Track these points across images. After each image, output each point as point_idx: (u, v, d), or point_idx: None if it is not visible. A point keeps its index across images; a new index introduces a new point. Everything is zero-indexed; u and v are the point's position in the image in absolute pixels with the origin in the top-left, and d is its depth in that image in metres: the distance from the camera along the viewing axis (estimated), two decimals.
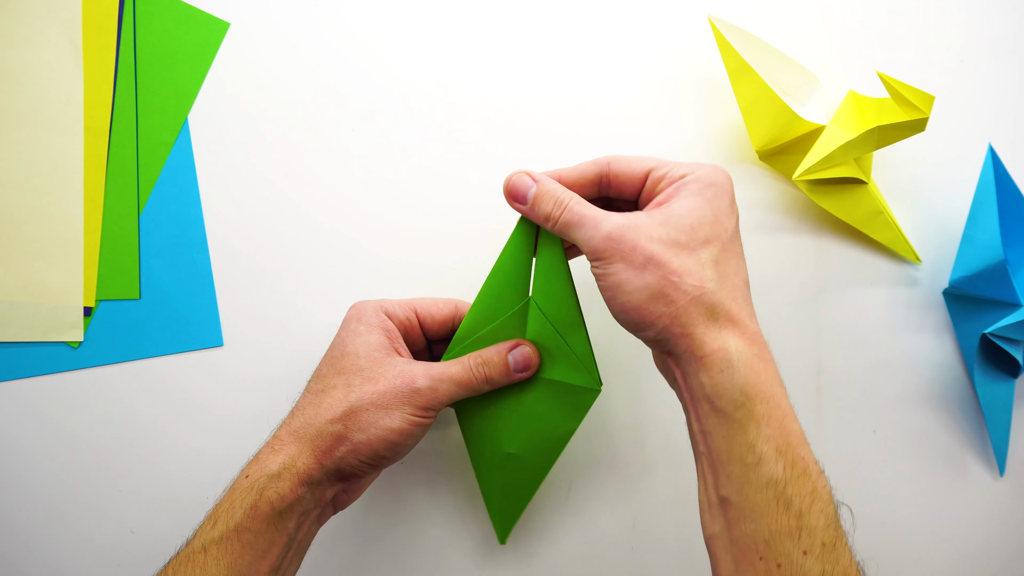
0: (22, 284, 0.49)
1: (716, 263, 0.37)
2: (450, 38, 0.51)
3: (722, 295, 0.36)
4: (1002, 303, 0.48)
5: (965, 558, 0.51)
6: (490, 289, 0.43)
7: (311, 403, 0.41)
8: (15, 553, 0.49)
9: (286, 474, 0.39)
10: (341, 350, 0.42)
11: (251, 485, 0.38)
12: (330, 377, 0.41)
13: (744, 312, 0.37)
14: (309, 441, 0.39)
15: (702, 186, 0.38)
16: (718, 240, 0.37)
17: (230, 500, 0.38)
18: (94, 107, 0.49)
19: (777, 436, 0.35)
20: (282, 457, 0.39)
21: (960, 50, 0.53)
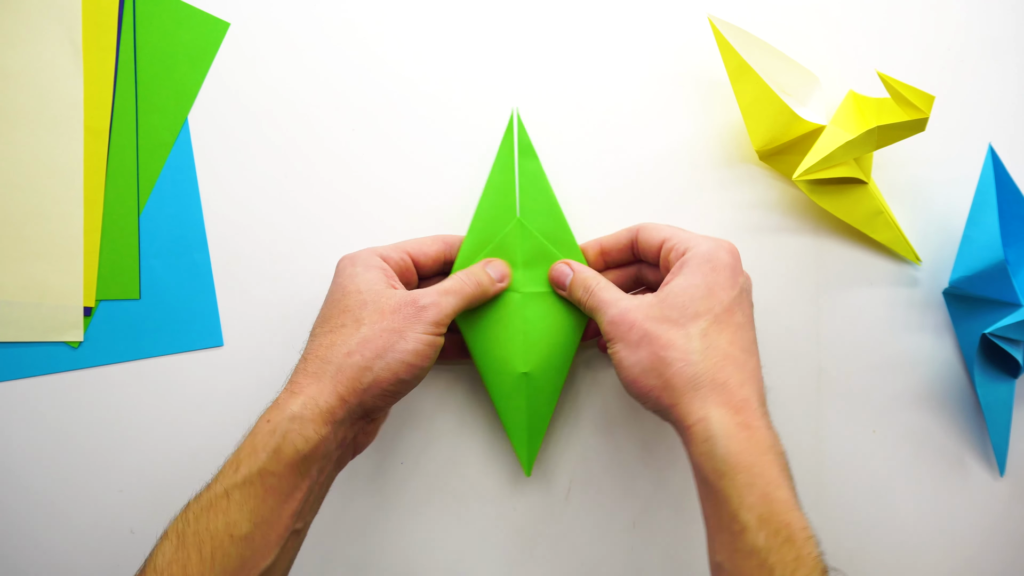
0: (22, 284, 0.49)
1: (705, 335, 0.39)
2: (451, 37, 0.51)
3: (707, 366, 0.39)
4: (1002, 303, 0.48)
5: (965, 558, 0.51)
6: (481, 216, 0.48)
7: (322, 344, 0.41)
8: (15, 553, 0.49)
9: (308, 415, 0.38)
10: (342, 291, 0.42)
11: (273, 429, 0.38)
12: (336, 317, 0.41)
13: (734, 380, 0.38)
14: (330, 378, 0.39)
15: (699, 262, 0.41)
16: (710, 313, 0.40)
17: (252, 444, 0.38)
18: (94, 107, 0.49)
19: (759, 505, 0.36)
20: (303, 398, 0.39)
21: (960, 50, 0.53)
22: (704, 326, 0.40)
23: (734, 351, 0.39)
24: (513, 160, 0.48)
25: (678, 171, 0.51)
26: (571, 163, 0.51)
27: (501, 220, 0.48)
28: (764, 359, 0.50)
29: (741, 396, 0.38)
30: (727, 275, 0.41)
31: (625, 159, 0.51)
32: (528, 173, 0.48)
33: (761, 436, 0.37)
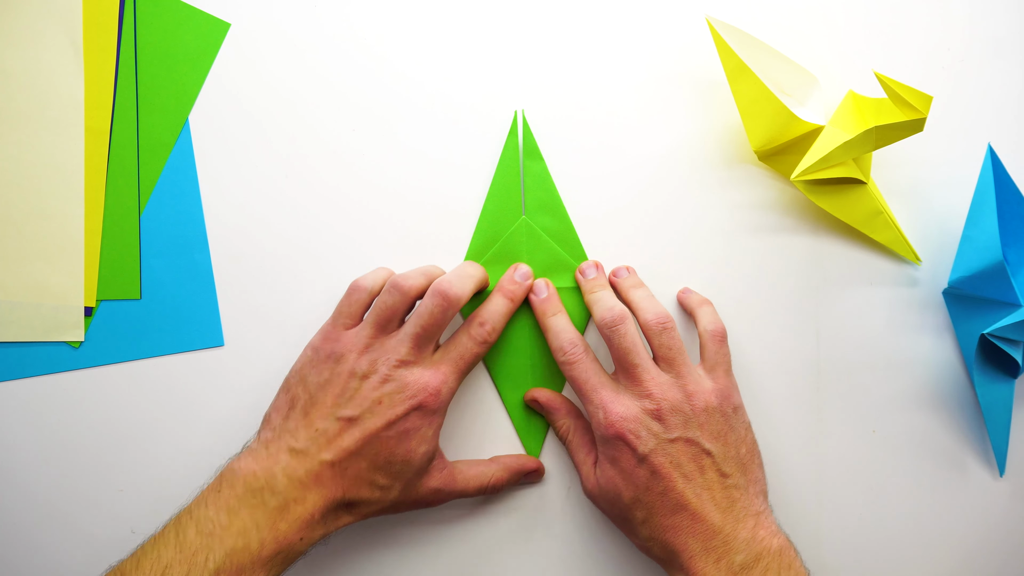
0: (23, 284, 0.49)
1: (645, 523, 0.43)
2: (451, 38, 0.51)
3: (656, 550, 0.43)
4: (1002, 303, 0.48)
5: (965, 558, 0.51)
6: (487, 217, 0.49)
7: (354, 497, 0.43)
8: (15, 553, 0.49)
9: (318, 536, 0.43)
10: (406, 451, 0.43)
11: (302, 551, 0.42)
12: (382, 475, 0.43)
13: (683, 557, 0.42)
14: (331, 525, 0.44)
15: (603, 453, 0.45)
16: (637, 505, 0.43)
17: (285, 558, 0.42)
18: (95, 107, 0.49)
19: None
20: (325, 531, 0.43)
21: (960, 50, 0.53)
22: (641, 517, 0.43)
23: (667, 520, 0.43)
24: (518, 160, 0.49)
25: (677, 171, 0.51)
26: (570, 163, 0.51)
27: (507, 220, 0.49)
28: (764, 359, 0.51)
29: (684, 558, 0.42)
30: (624, 464, 0.43)
31: (624, 159, 0.51)
32: (533, 173, 0.50)
33: (702, 566, 0.41)
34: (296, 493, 0.41)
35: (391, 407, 0.43)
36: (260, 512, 0.40)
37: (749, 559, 0.41)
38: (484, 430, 0.50)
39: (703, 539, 0.42)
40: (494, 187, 0.50)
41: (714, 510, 0.42)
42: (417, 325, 0.44)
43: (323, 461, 0.42)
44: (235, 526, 0.40)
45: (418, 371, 0.44)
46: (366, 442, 0.42)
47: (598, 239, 0.51)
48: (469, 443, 0.50)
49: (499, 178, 0.50)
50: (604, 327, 0.45)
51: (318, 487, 0.42)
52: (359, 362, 0.44)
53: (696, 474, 0.43)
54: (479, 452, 0.50)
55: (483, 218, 0.50)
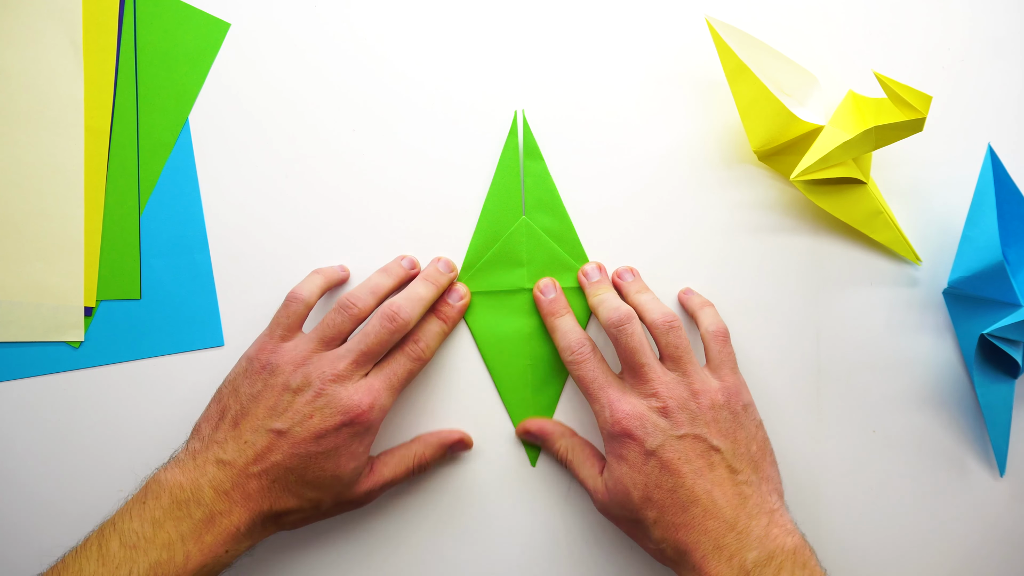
0: (23, 284, 0.49)
1: (656, 524, 0.43)
2: (451, 37, 0.51)
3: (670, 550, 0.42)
4: (1002, 303, 0.48)
5: (965, 558, 0.51)
6: (487, 216, 0.50)
7: (281, 509, 0.43)
8: (15, 553, 0.49)
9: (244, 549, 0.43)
10: (335, 465, 0.43)
11: (228, 562, 0.42)
12: (310, 489, 0.43)
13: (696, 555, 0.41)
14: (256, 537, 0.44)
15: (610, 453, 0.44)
16: (648, 505, 0.43)
17: (213, 568, 0.41)
18: (95, 107, 0.49)
19: None
20: (252, 541, 0.43)
21: (960, 50, 0.53)
22: (652, 517, 0.43)
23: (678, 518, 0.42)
24: (518, 160, 0.49)
25: (677, 171, 0.51)
26: (570, 163, 0.51)
27: (507, 220, 0.50)
28: (764, 359, 0.51)
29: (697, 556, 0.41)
30: (633, 462, 0.43)
31: (624, 159, 0.51)
32: (533, 173, 0.50)
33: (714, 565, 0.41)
34: (222, 506, 0.41)
35: (321, 421, 0.42)
36: (185, 524, 0.40)
37: (762, 557, 0.40)
38: (484, 431, 0.50)
39: (715, 536, 0.41)
40: (494, 187, 0.50)
41: (726, 506, 0.42)
42: (362, 343, 0.44)
43: (250, 474, 0.42)
44: (160, 538, 0.40)
45: (352, 387, 0.43)
46: (295, 456, 0.42)
47: (598, 239, 0.51)
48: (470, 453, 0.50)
49: (499, 178, 0.50)
50: (611, 327, 0.45)
51: (245, 500, 0.42)
52: (294, 375, 0.43)
53: (706, 470, 0.42)
54: (478, 452, 0.50)
55: (483, 218, 0.50)
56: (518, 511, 0.50)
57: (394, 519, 0.50)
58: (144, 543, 0.39)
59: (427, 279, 0.48)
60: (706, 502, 0.42)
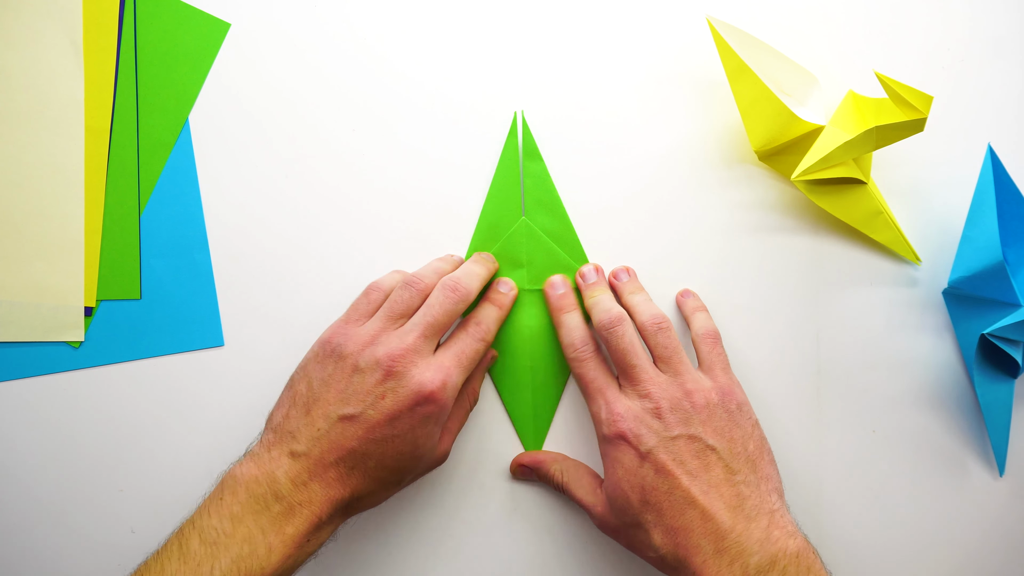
0: (23, 284, 0.49)
1: (656, 526, 0.42)
2: (451, 37, 0.51)
3: (670, 556, 0.42)
4: (1002, 303, 0.48)
5: (965, 558, 0.51)
6: (487, 217, 0.50)
7: (373, 487, 0.42)
8: (15, 553, 0.49)
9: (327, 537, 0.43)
10: (413, 447, 0.42)
11: (311, 552, 0.42)
12: (390, 472, 0.42)
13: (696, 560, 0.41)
14: (338, 522, 0.43)
15: (605, 456, 0.44)
16: (646, 508, 0.42)
17: (296, 559, 0.41)
18: (95, 107, 0.49)
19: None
20: (333, 528, 0.43)
21: (961, 50, 0.53)
22: (651, 518, 0.42)
23: (677, 521, 0.41)
24: (518, 161, 0.49)
25: (677, 171, 0.51)
26: (570, 163, 0.51)
27: (506, 221, 0.50)
28: (764, 359, 0.51)
29: (697, 562, 0.40)
30: (628, 465, 0.43)
31: (624, 159, 0.51)
32: (533, 174, 0.50)
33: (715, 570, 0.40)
34: (301, 497, 0.40)
35: (394, 402, 0.41)
36: (265, 518, 0.39)
37: (764, 561, 0.39)
38: (484, 431, 0.50)
39: (714, 540, 0.40)
40: (494, 187, 0.50)
41: (723, 508, 0.41)
42: (427, 315, 0.44)
43: (327, 463, 0.41)
44: (240, 533, 0.39)
45: (422, 364, 0.42)
46: (370, 441, 0.41)
47: (598, 239, 0.51)
48: (468, 444, 0.50)
49: (499, 178, 0.50)
50: (602, 329, 0.46)
51: (324, 489, 0.41)
52: (363, 355, 0.42)
53: (701, 471, 0.42)
54: (478, 453, 0.50)
55: (483, 218, 0.50)
56: (501, 521, 0.50)
57: (391, 521, 0.50)
58: (224, 539, 0.39)
59: (478, 261, 0.48)
60: (704, 503, 0.41)
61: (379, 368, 0.42)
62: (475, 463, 0.50)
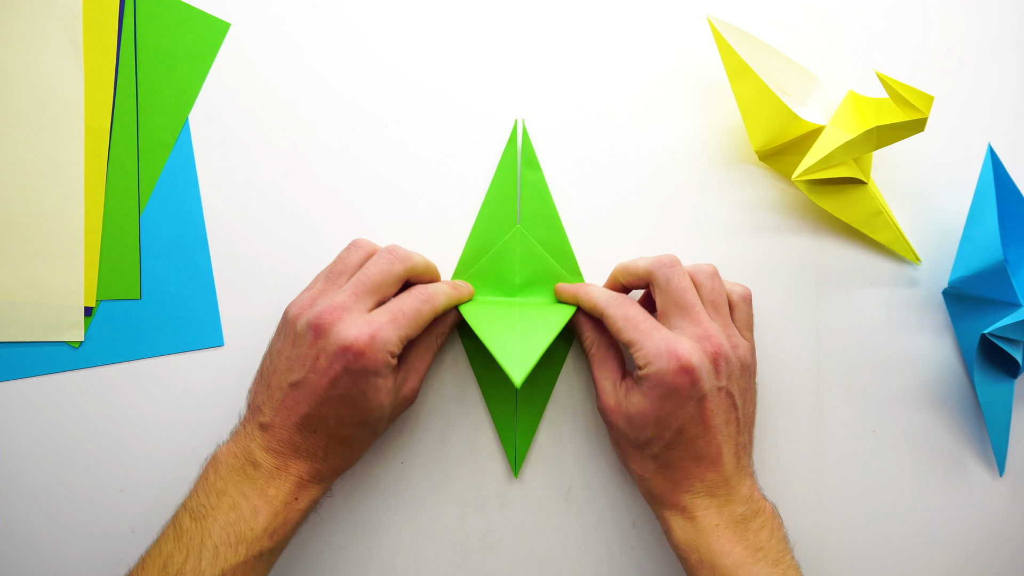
0: (23, 284, 0.49)
1: (656, 457, 0.43)
2: (451, 38, 0.51)
3: (658, 483, 0.44)
4: (1002, 303, 0.48)
5: (965, 558, 0.51)
6: (481, 223, 0.49)
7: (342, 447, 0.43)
8: (15, 553, 0.49)
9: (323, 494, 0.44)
10: (367, 404, 0.42)
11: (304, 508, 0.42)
12: (354, 427, 0.43)
13: (682, 486, 0.43)
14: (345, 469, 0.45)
15: (651, 386, 0.43)
16: (660, 440, 0.43)
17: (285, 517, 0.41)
18: (94, 107, 0.49)
19: None
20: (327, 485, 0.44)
21: (960, 50, 0.53)
22: (656, 450, 0.43)
23: (684, 463, 0.43)
24: (516, 169, 0.49)
25: (678, 172, 0.51)
26: (571, 164, 0.51)
27: (501, 228, 0.49)
28: (764, 359, 0.51)
29: (687, 499, 0.43)
30: (675, 402, 0.42)
31: (625, 160, 0.51)
32: (531, 184, 0.50)
33: (705, 520, 0.42)
34: (276, 462, 0.42)
35: (327, 362, 0.41)
36: (246, 485, 0.41)
37: (749, 513, 0.43)
38: (471, 441, 0.50)
39: (711, 487, 0.43)
40: (490, 195, 0.50)
41: (729, 463, 0.43)
42: (362, 275, 0.43)
43: (290, 429, 0.42)
44: (225, 503, 0.40)
45: (349, 320, 0.41)
46: (320, 405, 0.41)
47: (598, 239, 0.51)
48: (452, 455, 0.50)
49: (495, 186, 0.50)
50: (662, 267, 0.45)
51: (295, 453, 0.42)
52: (300, 319, 0.42)
53: (724, 426, 0.43)
54: (462, 461, 0.50)
55: (477, 225, 0.50)
56: (502, 521, 0.50)
57: (383, 525, 0.50)
58: (212, 511, 0.40)
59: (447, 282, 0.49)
60: (715, 455, 0.43)
61: (310, 329, 0.41)
62: (459, 469, 0.50)
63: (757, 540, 0.42)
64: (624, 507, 0.50)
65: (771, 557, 0.41)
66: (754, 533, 0.42)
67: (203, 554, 0.38)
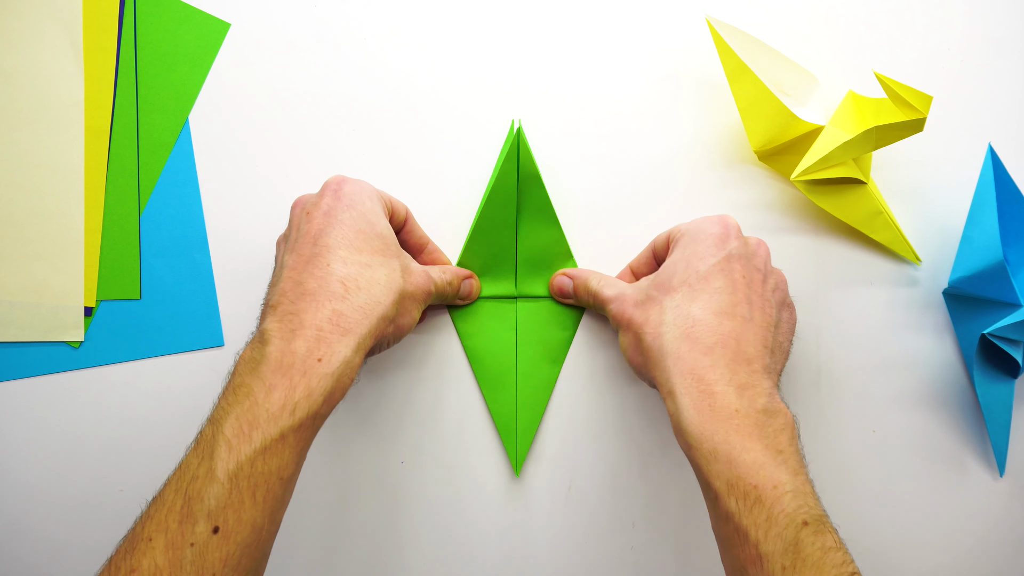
0: (23, 284, 0.49)
1: (677, 307, 0.41)
2: (450, 38, 0.51)
3: (672, 336, 0.40)
4: (1002, 303, 0.48)
5: (965, 558, 0.51)
6: (480, 224, 0.49)
7: (365, 277, 0.40)
8: (15, 553, 0.49)
9: (358, 359, 0.38)
10: (371, 227, 0.41)
11: (331, 372, 0.37)
12: (368, 253, 0.41)
13: (700, 346, 0.39)
14: (376, 320, 0.39)
15: (687, 240, 0.43)
16: (684, 284, 0.41)
17: (307, 386, 0.36)
18: (95, 107, 0.49)
19: (726, 472, 0.36)
20: (355, 340, 0.38)
21: (960, 50, 0.53)
22: (678, 299, 0.41)
23: (706, 316, 0.40)
24: (515, 169, 0.48)
25: (677, 172, 0.51)
26: (571, 165, 0.51)
27: (500, 228, 0.49)
28: None
29: (705, 363, 0.39)
30: (707, 244, 0.42)
31: (624, 161, 0.51)
32: (529, 183, 0.49)
33: (724, 401, 0.38)
34: (290, 323, 0.38)
35: (321, 199, 0.41)
36: (262, 366, 0.36)
37: (771, 408, 0.38)
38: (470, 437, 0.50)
39: (732, 358, 0.39)
40: (489, 194, 0.49)
41: (754, 343, 0.40)
42: None
43: (297, 281, 0.39)
44: (240, 395, 0.36)
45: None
46: (323, 232, 0.40)
47: (598, 239, 0.51)
48: (453, 455, 0.50)
49: (494, 186, 0.49)
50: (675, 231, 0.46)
51: (310, 305, 0.38)
52: (308, 200, 0.43)
53: (753, 299, 0.41)
54: (462, 463, 0.50)
55: (477, 224, 0.49)
56: (503, 520, 0.50)
57: (384, 525, 0.50)
58: (228, 409, 0.36)
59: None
60: (741, 320, 0.40)
61: (313, 198, 0.43)
62: (459, 468, 0.50)
63: (778, 442, 0.37)
64: (624, 507, 0.50)
65: (791, 464, 0.37)
66: (775, 433, 0.37)
67: (216, 452, 0.34)
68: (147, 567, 0.32)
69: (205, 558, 0.33)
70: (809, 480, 0.37)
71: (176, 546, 0.33)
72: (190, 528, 0.33)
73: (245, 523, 0.34)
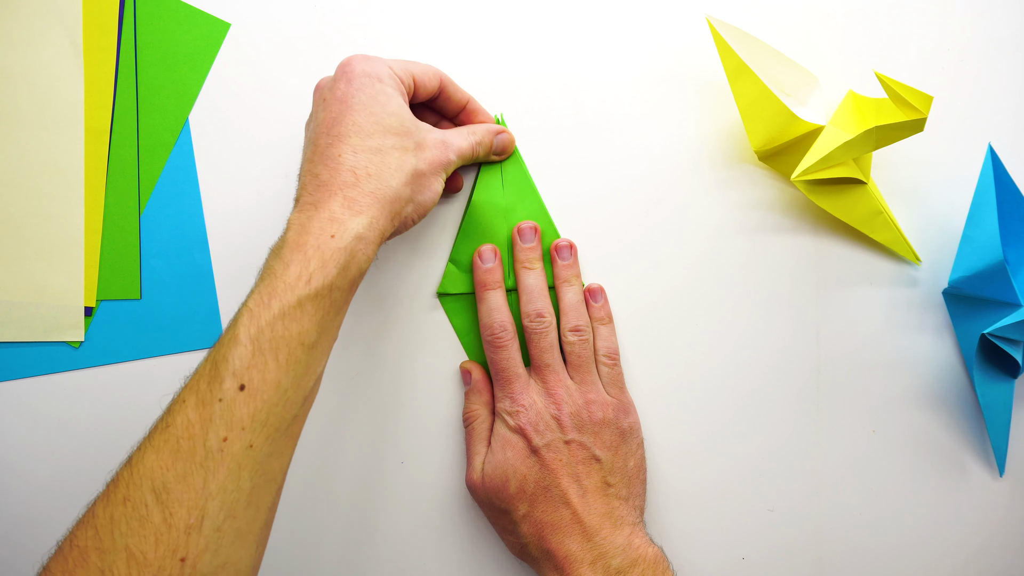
0: (23, 284, 0.49)
1: (525, 517, 0.45)
2: (449, 38, 0.51)
3: (532, 544, 0.46)
4: (1002, 303, 0.48)
5: (965, 558, 0.51)
6: (471, 215, 0.49)
7: (375, 163, 0.41)
8: (15, 553, 0.49)
9: (372, 236, 0.40)
10: (382, 108, 0.42)
11: (343, 246, 0.38)
12: (379, 136, 0.42)
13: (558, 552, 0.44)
14: (388, 203, 0.41)
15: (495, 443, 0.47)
16: (521, 495, 0.45)
17: (321, 258, 0.38)
18: (95, 107, 0.49)
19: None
20: (366, 219, 0.39)
21: (960, 50, 0.53)
22: (522, 510, 0.45)
23: (548, 516, 0.44)
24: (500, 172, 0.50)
25: (677, 172, 0.51)
26: (571, 165, 0.51)
27: (490, 218, 0.49)
28: (764, 359, 0.51)
29: (560, 558, 0.44)
30: (515, 452, 0.45)
31: (624, 161, 0.51)
32: (513, 172, 0.50)
33: (578, 566, 0.43)
34: (307, 210, 0.40)
35: (336, 83, 0.42)
36: (284, 249, 0.39)
37: (625, 564, 0.43)
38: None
39: (580, 540, 0.44)
40: (477, 188, 0.50)
41: (594, 513, 0.44)
42: None
43: (315, 162, 0.41)
44: (263, 276, 0.38)
45: None
46: (338, 120, 0.41)
47: (597, 239, 0.51)
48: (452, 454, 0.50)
49: (482, 179, 0.50)
50: (527, 319, 0.48)
51: (326, 191, 0.40)
52: (325, 84, 0.44)
53: (583, 476, 0.45)
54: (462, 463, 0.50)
55: (467, 218, 0.50)
56: None
57: (385, 525, 0.50)
58: (253, 293, 0.38)
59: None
60: (577, 505, 0.44)
61: (329, 82, 0.44)
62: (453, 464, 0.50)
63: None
64: None
65: None
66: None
67: (239, 320, 0.37)
68: (180, 422, 0.35)
69: (233, 412, 0.35)
70: None
71: (206, 403, 0.35)
72: (218, 386, 0.35)
73: (269, 383, 0.36)
